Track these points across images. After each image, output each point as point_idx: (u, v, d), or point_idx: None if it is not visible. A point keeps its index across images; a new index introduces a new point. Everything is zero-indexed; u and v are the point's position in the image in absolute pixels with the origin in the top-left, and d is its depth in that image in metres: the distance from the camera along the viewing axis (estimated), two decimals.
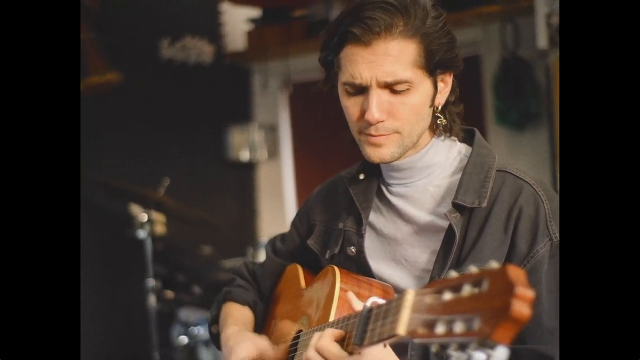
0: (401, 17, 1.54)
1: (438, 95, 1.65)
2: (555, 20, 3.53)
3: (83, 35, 3.55)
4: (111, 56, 3.64)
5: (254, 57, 4.71)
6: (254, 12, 4.68)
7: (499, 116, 3.89)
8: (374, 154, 1.64)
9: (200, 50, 4.45)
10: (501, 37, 3.88)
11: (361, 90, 1.60)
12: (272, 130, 4.79)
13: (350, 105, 1.63)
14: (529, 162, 3.87)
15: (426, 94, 1.61)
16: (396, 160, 1.66)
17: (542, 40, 3.56)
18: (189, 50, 4.40)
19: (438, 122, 1.68)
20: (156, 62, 4.27)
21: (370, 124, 1.59)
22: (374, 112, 1.56)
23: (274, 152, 4.80)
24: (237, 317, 1.93)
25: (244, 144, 4.67)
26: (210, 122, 4.60)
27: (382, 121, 1.59)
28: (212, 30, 4.64)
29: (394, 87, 1.56)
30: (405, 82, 1.56)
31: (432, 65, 1.59)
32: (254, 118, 4.84)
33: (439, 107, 1.68)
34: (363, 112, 1.59)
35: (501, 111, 3.88)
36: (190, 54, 4.41)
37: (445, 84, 1.67)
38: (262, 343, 1.76)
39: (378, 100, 1.57)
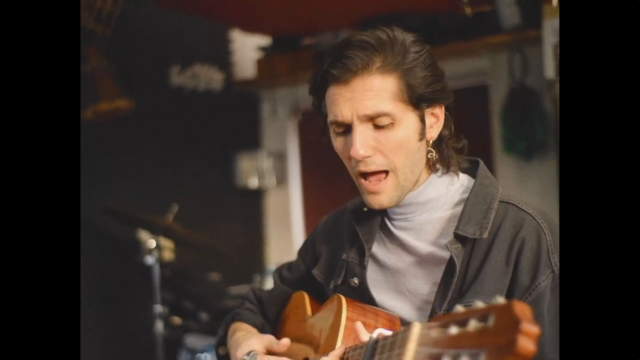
0: (379, 55, 1.56)
1: (429, 130, 1.64)
2: None
3: (94, 62, 3.58)
4: (122, 83, 3.67)
5: (263, 85, 4.75)
6: (264, 41, 4.72)
7: (507, 145, 3.91)
8: (373, 202, 1.64)
9: (209, 77, 4.49)
10: (509, 67, 3.90)
11: (348, 129, 1.60)
12: (280, 158, 4.81)
13: (340, 146, 1.64)
14: (536, 191, 3.88)
15: (412, 128, 1.60)
16: (395, 204, 1.66)
17: (550, 70, 3.57)
18: (199, 77, 4.43)
19: (429, 156, 1.67)
20: (166, 89, 4.30)
21: (358, 161, 1.59)
22: (358, 148, 1.56)
23: (282, 179, 4.82)
24: (245, 328, 1.95)
25: (252, 171, 4.69)
26: (219, 149, 4.62)
27: (369, 156, 1.58)
28: (222, 58, 4.69)
29: (376, 121, 1.56)
30: (386, 115, 1.55)
31: (415, 99, 1.58)
32: (263, 145, 4.87)
33: (431, 142, 1.67)
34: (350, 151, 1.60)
35: (509, 140, 3.89)
36: (200, 81, 4.45)
37: (437, 118, 1.66)
38: (269, 339, 1.78)
39: (361, 137, 1.57)
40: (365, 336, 1.47)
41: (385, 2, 3.96)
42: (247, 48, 4.81)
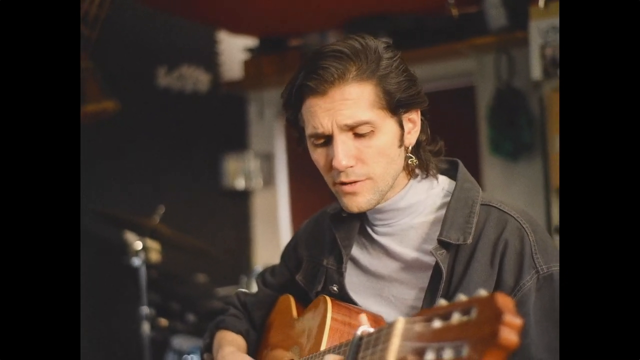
0: (353, 64, 1.54)
1: (407, 135, 1.64)
2: (549, 51, 3.57)
3: (81, 64, 3.57)
4: (108, 84, 3.66)
5: (250, 86, 4.75)
6: (251, 42, 4.72)
7: (493, 146, 3.92)
8: (351, 204, 1.62)
9: (196, 79, 4.49)
10: (496, 68, 3.92)
11: (327, 140, 1.59)
12: (267, 159, 4.81)
13: (319, 158, 1.63)
14: (522, 192, 3.89)
15: (392, 135, 1.59)
16: (373, 207, 1.64)
17: (536, 71, 3.60)
18: (186, 79, 4.44)
19: (409, 162, 1.66)
20: (153, 91, 4.29)
21: (339, 171, 1.58)
22: (341, 159, 1.55)
23: (269, 180, 4.82)
24: (231, 340, 1.93)
25: (239, 172, 4.69)
26: (206, 150, 4.62)
27: (351, 167, 1.57)
28: (209, 59, 4.69)
29: (357, 130, 1.55)
30: (366, 123, 1.55)
31: (393, 105, 1.57)
32: (250, 146, 4.87)
33: (410, 148, 1.66)
34: (332, 162, 1.58)
35: (495, 141, 3.91)
36: (187, 82, 4.45)
37: (414, 124, 1.65)
38: None
39: (343, 147, 1.55)
40: None
41: (372, 4, 3.97)
42: (234, 49, 4.81)
